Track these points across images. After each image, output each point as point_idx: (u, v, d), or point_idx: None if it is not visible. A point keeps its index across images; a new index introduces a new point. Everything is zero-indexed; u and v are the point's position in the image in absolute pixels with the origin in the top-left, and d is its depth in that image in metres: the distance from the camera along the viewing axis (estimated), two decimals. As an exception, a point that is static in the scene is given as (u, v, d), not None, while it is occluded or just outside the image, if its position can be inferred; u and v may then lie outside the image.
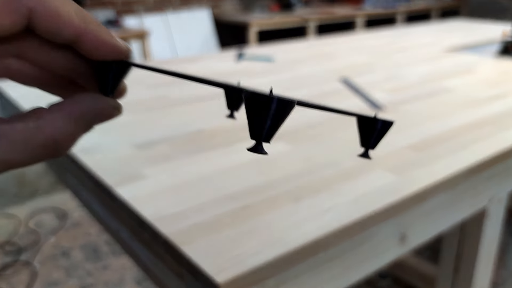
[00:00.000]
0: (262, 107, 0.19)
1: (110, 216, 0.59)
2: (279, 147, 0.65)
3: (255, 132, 0.20)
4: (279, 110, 0.19)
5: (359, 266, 0.53)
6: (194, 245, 0.43)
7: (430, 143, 0.67)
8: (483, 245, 0.81)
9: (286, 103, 0.19)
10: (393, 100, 0.87)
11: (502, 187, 0.75)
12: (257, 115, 0.19)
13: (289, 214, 0.49)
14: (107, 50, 0.21)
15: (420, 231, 0.60)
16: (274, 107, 0.19)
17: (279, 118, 0.20)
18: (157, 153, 0.64)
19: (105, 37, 0.21)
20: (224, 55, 1.32)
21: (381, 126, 0.24)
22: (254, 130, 0.20)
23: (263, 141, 0.20)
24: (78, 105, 0.21)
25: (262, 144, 0.20)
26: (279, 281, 0.44)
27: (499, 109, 0.82)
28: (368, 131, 0.24)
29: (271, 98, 0.19)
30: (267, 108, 0.19)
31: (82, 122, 0.21)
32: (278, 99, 0.19)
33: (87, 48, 0.21)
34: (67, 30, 0.20)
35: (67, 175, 0.72)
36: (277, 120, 0.20)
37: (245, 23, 3.27)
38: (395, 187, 0.54)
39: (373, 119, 0.24)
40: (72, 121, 0.21)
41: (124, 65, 0.23)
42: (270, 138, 0.20)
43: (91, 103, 0.21)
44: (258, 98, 0.19)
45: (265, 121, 0.19)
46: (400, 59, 1.26)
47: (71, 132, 0.21)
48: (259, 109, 0.19)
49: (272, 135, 0.20)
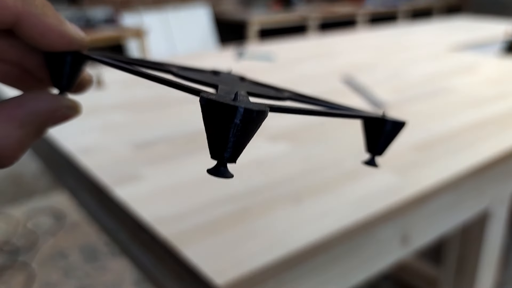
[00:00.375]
0: (223, 119, 0.14)
1: (109, 217, 0.58)
2: (279, 148, 0.64)
3: (216, 150, 0.15)
4: (246, 122, 0.14)
5: (361, 268, 0.53)
6: (194, 246, 0.43)
7: (432, 143, 0.66)
8: (486, 246, 0.81)
9: (255, 112, 0.14)
10: (395, 100, 0.86)
11: (505, 188, 0.74)
12: (217, 128, 0.15)
13: (290, 216, 0.48)
14: (54, 38, 0.18)
15: (422, 233, 0.59)
16: (240, 118, 0.14)
17: (247, 132, 0.15)
18: (156, 153, 0.63)
19: (51, 22, 0.18)
20: (224, 53, 1.31)
21: (391, 128, 0.20)
22: (214, 147, 0.15)
23: (226, 162, 0.15)
24: (24, 106, 0.17)
25: (226, 165, 0.15)
26: (279, 283, 0.44)
27: (502, 108, 0.81)
28: (376, 133, 0.20)
29: (234, 107, 0.14)
30: (229, 120, 0.14)
31: (30, 126, 0.17)
32: (245, 109, 0.14)
33: (29, 35, 0.17)
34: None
35: (65, 176, 0.71)
36: (244, 136, 0.15)
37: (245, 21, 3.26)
38: (397, 188, 0.53)
39: (381, 119, 0.20)
40: (17, 126, 0.17)
41: (79, 57, 0.19)
42: (236, 157, 0.15)
43: (40, 103, 0.18)
44: (217, 106, 0.14)
45: (227, 136, 0.14)
46: (402, 58, 1.25)
47: (16, 139, 0.17)
48: (219, 120, 0.14)
49: (238, 153, 0.15)
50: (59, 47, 0.18)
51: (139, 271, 0.55)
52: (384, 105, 0.82)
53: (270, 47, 1.39)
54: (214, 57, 1.32)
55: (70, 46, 0.19)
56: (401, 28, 1.84)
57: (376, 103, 0.82)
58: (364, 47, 1.40)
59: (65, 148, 0.64)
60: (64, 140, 0.66)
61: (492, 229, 0.79)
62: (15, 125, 0.17)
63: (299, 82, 0.99)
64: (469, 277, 0.85)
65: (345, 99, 0.87)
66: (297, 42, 1.51)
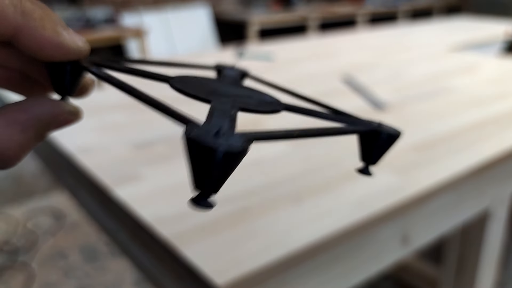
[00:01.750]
0: (203, 157, 0.15)
1: (108, 217, 0.58)
2: (279, 147, 0.64)
3: (198, 183, 0.16)
4: (227, 160, 0.15)
5: (361, 268, 0.53)
6: (194, 246, 0.43)
7: (432, 143, 0.66)
8: (486, 247, 0.81)
9: (236, 152, 0.15)
10: (395, 99, 0.86)
11: (505, 188, 0.74)
12: (198, 164, 0.15)
13: (290, 216, 0.48)
14: (51, 50, 0.18)
15: (423, 233, 0.59)
16: (220, 158, 0.15)
17: (228, 167, 0.15)
18: (156, 154, 0.63)
19: (48, 34, 0.18)
20: (224, 53, 1.31)
21: (386, 139, 0.20)
22: (196, 180, 0.15)
23: (208, 194, 0.16)
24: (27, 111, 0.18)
25: (208, 196, 0.16)
26: (279, 283, 0.43)
27: (502, 108, 0.81)
28: (370, 144, 0.21)
29: (213, 149, 0.15)
30: (210, 158, 0.15)
31: (31, 130, 0.18)
32: (224, 152, 0.15)
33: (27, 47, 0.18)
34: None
35: (65, 176, 0.71)
36: (226, 170, 0.15)
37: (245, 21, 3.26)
38: (397, 188, 0.53)
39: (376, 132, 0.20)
40: (19, 130, 0.17)
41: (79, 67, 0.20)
42: (218, 188, 0.16)
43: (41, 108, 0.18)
44: (197, 146, 0.15)
45: (208, 172, 0.15)
46: (402, 58, 1.25)
47: (18, 142, 0.17)
48: (200, 158, 0.15)
49: (220, 185, 0.16)
50: (57, 58, 0.19)
51: (139, 271, 0.55)
52: (384, 105, 0.82)
53: (270, 47, 1.39)
54: (214, 57, 1.32)
55: (67, 57, 0.19)
56: (401, 28, 1.84)
57: (376, 103, 0.82)
58: (364, 47, 1.40)
59: (65, 148, 0.63)
60: (64, 140, 0.66)
61: (492, 229, 0.79)
62: (17, 128, 0.17)
63: (299, 82, 0.99)
64: (469, 277, 0.85)
65: (345, 99, 0.87)
66: (297, 42, 1.51)
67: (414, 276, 1.25)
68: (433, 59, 1.24)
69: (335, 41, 1.53)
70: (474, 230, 0.81)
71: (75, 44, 0.19)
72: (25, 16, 0.17)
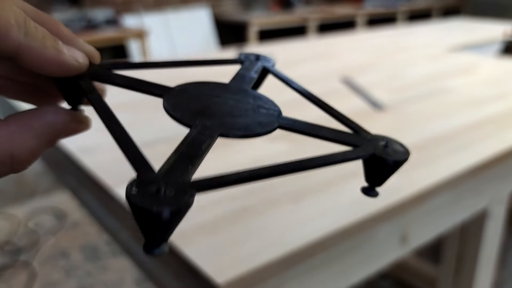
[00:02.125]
0: (145, 218, 0.15)
1: (110, 216, 0.58)
2: (278, 147, 0.65)
3: (146, 236, 0.16)
4: (173, 218, 0.15)
5: (359, 267, 0.53)
6: (194, 245, 0.43)
7: (431, 143, 0.66)
8: (484, 246, 0.81)
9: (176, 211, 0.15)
10: (394, 100, 0.86)
11: (503, 188, 0.74)
12: (141, 222, 0.15)
13: (289, 215, 0.48)
14: (52, 68, 0.19)
15: (421, 232, 0.60)
16: (166, 219, 0.15)
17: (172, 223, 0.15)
18: (157, 153, 0.63)
19: (49, 53, 0.18)
20: (224, 54, 1.32)
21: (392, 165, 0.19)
22: (144, 234, 0.16)
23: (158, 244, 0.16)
24: (40, 118, 0.19)
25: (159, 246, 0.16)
26: (279, 281, 0.44)
27: (500, 109, 0.82)
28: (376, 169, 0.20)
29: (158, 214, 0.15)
30: (151, 220, 0.15)
31: (43, 137, 0.19)
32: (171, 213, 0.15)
33: (29, 65, 0.18)
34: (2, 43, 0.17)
35: (66, 175, 0.72)
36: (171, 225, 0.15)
37: (245, 22, 3.27)
38: (396, 187, 0.54)
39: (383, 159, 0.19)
40: (32, 136, 0.18)
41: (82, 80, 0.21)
42: (167, 238, 0.16)
43: (54, 116, 0.19)
44: (143, 211, 0.15)
45: (153, 231, 0.15)
46: (401, 58, 1.26)
47: (31, 148, 0.18)
48: (142, 218, 0.15)
49: (168, 237, 0.16)
50: (58, 75, 0.20)
51: (140, 270, 0.55)
52: (383, 105, 0.82)
53: (270, 48, 1.40)
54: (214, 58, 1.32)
55: (68, 73, 0.20)
56: (400, 29, 1.84)
57: (375, 104, 0.83)
58: (363, 48, 1.40)
59: (67, 148, 0.64)
60: (66, 140, 0.66)
61: (490, 228, 0.79)
62: (30, 134, 0.18)
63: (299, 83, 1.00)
64: (468, 276, 0.85)
65: (345, 100, 0.87)
66: (296, 43, 1.52)
67: (413, 275, 1.25)
68: (432, 59, 1.24)
69: (334, 42, 1.54)
70: (472, 229, 0.82)
71: (76, 61, 0.20)
72: (28, 36, 0.18)
